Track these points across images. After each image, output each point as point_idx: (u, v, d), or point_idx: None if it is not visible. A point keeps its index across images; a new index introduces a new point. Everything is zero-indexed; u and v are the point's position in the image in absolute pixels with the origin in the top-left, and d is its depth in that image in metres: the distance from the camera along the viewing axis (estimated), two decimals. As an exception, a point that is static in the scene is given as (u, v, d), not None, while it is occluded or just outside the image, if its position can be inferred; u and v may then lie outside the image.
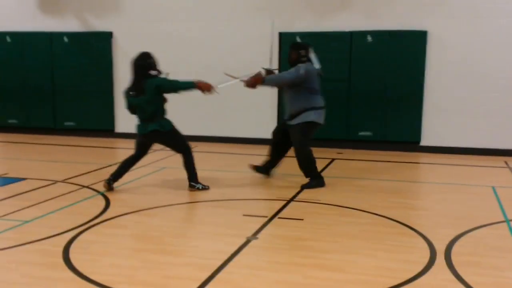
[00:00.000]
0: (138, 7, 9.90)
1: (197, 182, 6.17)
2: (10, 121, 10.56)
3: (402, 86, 8.95)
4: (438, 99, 8.83)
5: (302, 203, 5.76)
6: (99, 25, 10.12)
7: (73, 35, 10.17)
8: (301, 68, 6.15)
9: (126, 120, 10.17)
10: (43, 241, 4.50)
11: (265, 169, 6.84)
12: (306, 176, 6.46)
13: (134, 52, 9.86)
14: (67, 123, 10.36)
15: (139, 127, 6.04)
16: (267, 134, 9.64)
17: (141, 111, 5.94)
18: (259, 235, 4.69)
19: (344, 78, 9.15)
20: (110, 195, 5.94)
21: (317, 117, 6.30)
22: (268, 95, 9.47)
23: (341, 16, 9.09)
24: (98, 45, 10.12)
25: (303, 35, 9.15)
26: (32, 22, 10.29)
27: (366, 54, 9.01)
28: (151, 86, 5.83)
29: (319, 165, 7.67)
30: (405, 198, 6.17)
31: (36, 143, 9.39)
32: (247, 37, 9.44)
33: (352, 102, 9.17)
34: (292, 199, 5.88)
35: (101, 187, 6.30)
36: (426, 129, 8.96)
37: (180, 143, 6.14)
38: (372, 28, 8.95)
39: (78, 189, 6.24)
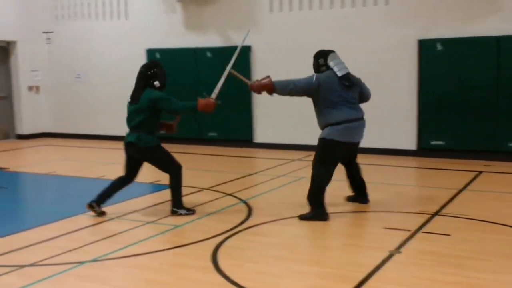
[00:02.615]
0: (275, 21, 10.17)
1: (181, 207, 5.66)
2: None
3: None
4: None
5: (448, 217, 5.46)
6: (238, 39, 10.53)
7: (215, 50, 10.70)
8: (314, 76, 5.47)
9: (264, 131, 10.52)
10: (193, 245, 4.77)
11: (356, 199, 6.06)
12: (308, 203, 5.55)
13: (272, 64, 10.30)
14: (210, 134, 10.91)
15: (125, 136, 5.66)
16: (407, 145, 9.42)
17: (128, 119, 5.58)
18: (402, 249, 4.54)
19: (491, 85, 8.56)
20: (251, 204, 6.14)
21: (331, 133, 5.37)
22: (408, 106, 9.18)
23: (487, 20, 8.53)
24: (238, 58, 10.52)
25: (444, 41, 8.76)
26: (179, 39, 11.03)
27: (517, 59, 8.35)
28: (145, 97, 5.43)
29: (464, 178, 7.29)
30: None
31: (182, 152, 10.01)
32: (385, 44, 9.26)
33: (501, 111, 8.54)
34: (436, 213, 5.60)
35: (243, 195, 6.54)
36: None
37: (163, 163, 5.65)
38: (524, 32, 8.29)
39: (222, 196, 6.53)
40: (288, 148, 10.01)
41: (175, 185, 5.64)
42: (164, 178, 7.36)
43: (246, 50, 10.43)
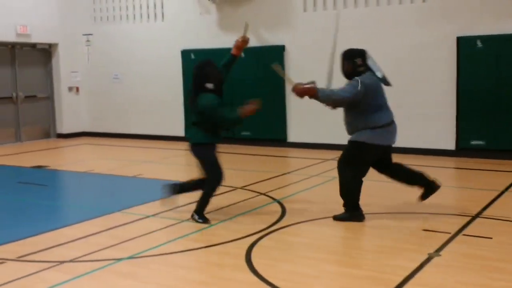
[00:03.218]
0: (308, 20, 10.10)
1: (199, 213, 5.41)
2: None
3: None
4: None
5: (490, 220, 5.32)
6: (272, 39, 10.52)
7: (249, 50, 10.66)
8: (358, 83, 5.10)
9: (297, 130, 10.47)
10: (227, 244, 4.77)
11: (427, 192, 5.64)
12: (343, 205, 5.48)
13: (305, 64, 10.25)
14: (244, 133, 10.92)
15: None
16: (445, 145, 9.22)
17: (190, 116, 5.55)
18: (442, 252, 4.42)
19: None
20: (285, 203, 6.10)
21: (372, 137, 5.19)
22: (447, 105, 8.99)
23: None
24: (272, 58, 10.50)
25: (484, 38, 8.54)
26: (213, 40, 11.07)
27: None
28: (200, 102, 5.22)
29: (506, 179, 7.08)
30: None
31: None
32: (423, 42, 9.09)
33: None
34: (477, 215, 5.46)
35: (276, 194, 6.51)
36: None
37: (206, 163, 5.38)
38: None
39: (256, 196, 6.52)
40: (321, 148, 9.93)
41: (206, 191, 5.41)
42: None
43: (279, 50, 10.40)
